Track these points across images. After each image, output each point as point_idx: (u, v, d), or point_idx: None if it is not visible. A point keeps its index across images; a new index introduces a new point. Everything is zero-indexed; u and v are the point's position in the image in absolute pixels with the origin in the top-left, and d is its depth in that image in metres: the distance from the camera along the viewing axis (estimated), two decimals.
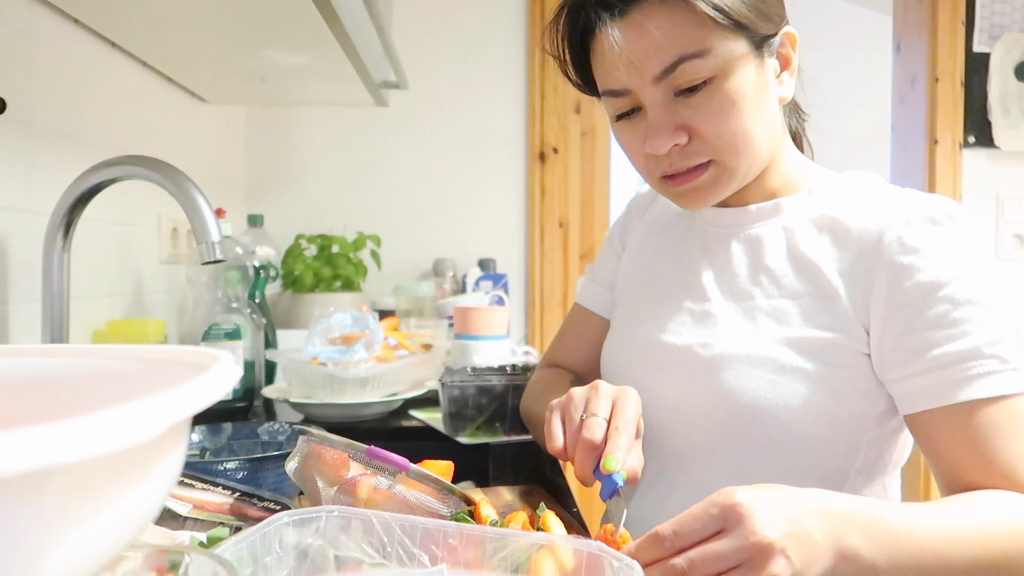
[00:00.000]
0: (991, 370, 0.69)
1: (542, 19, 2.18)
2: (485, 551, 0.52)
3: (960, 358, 0.69)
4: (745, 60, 0.73)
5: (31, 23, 1.08)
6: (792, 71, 0.79)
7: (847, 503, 0.61)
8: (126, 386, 0.41)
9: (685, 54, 0.71)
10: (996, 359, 0.69)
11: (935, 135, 2.21)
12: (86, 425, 0.24)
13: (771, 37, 0.76)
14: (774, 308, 0.78)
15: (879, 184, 0.81)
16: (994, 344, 0.69)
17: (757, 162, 0.77)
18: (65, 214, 0.96)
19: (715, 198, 0.79)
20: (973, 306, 0.70)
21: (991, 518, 0.65)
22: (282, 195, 2.17)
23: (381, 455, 0.69)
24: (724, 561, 0.53)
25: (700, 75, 0.71)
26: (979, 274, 0.72)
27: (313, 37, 1.22)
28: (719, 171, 0.76)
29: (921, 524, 0.62)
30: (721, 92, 0.72)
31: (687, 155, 0.75)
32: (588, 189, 2.23)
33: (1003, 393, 0.68)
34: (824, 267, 0.76)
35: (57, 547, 0.27)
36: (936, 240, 0.72)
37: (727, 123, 0.73)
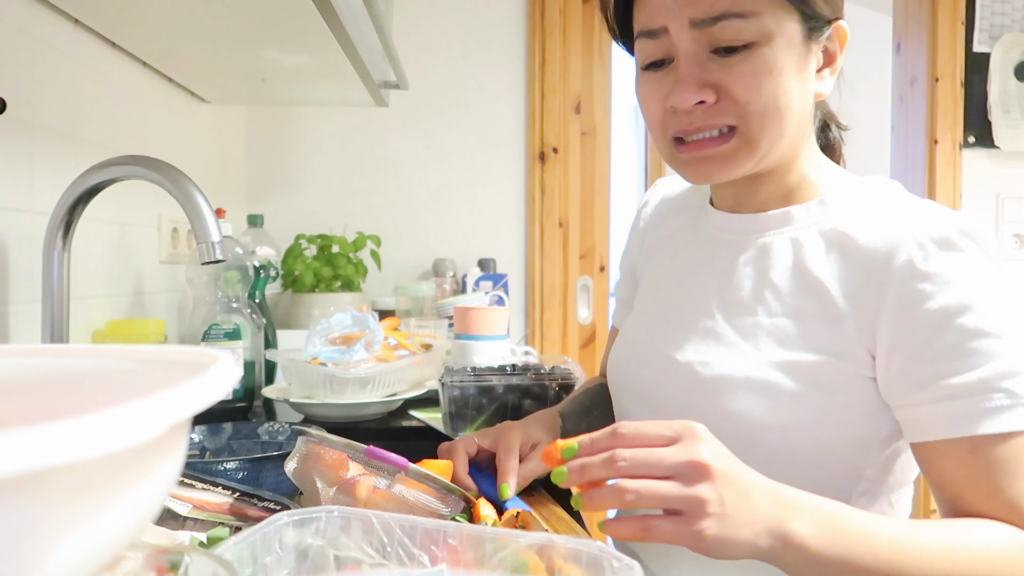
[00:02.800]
0: (1000, 405, 0.66)
1: (542, 19, 2.18)
2: (485, 551, 0.52)
3: (968, 391, 0.67)
4: (792, 37, 0.71)
5: (31, 23, 1.08)
6: (835, 69, 0.76)
7: (804, 495, 0.61)
8: (126, 386, 0.41)
9: (730, 11, 0.69)
10: (1005, 393, 0.66)
11: (935, 135, 2.21)
12: (86, 425, 0.24)
13: (824, 24, 0.73)
14: (776, 327, 0.74)
15: (896, 195, 0.76)
16: (1005, 378, 0.66)
17: (779, 144, 0.74)
18: (65, 214, 0.96)
19: (729, 172, 0.75)
20: (986, 337, 0.67)
21: (970, 542, 0.64)
22: (282, 195, 2.17)
23: (380, 455, 0.69)
24: (661, 468, 0.57)
25: (741, 37, 0.69)
26: (994, 303, 0.68)
27: (313, 37, 1.22)
28: (741, 143, 0.73)
29: (883, 533, 0.61)
30: (760, 58, 0.70)
31: (712, 114, 0.72)
32: (588, 189, 2.23)
33: (1010, 430, 0.66)
34: (830, 287, 0.73)
35: (57, 547, 0.27)
36: (950, 265, 0.69)
37: (761, 89, 0.70)
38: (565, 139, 2.21)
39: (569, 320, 2.23)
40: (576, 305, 2.24)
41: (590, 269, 2.25)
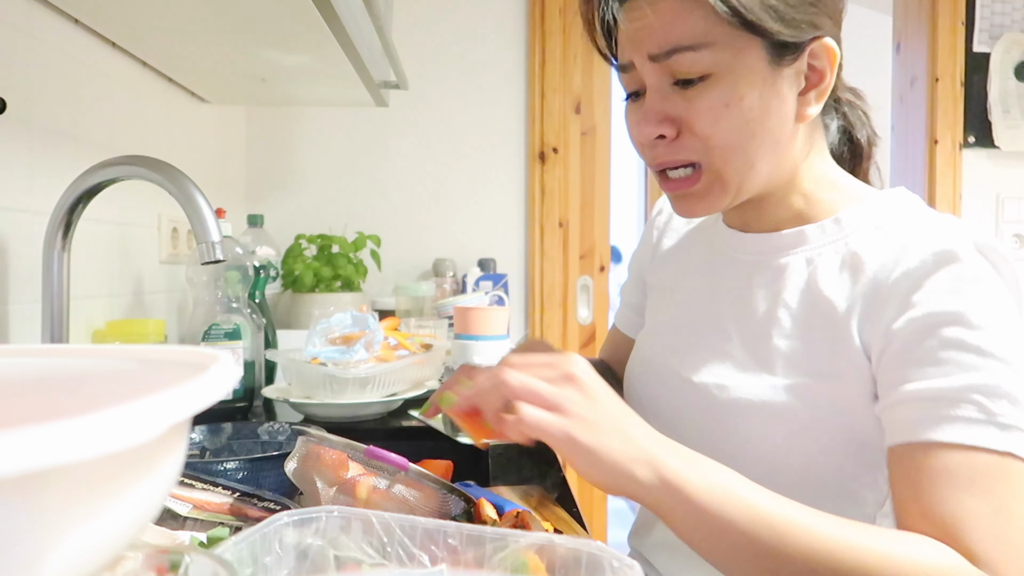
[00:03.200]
0: (968, 416, 0.62)
1: (542, 19, 2.18)
2: (485, 551, 0.52)
3: (935, 396, 0.63)
4: (753, 65, 0.68)
5: (31, 23, 1.08)
6: (823, 90, 0.72)
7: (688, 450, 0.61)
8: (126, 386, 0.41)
9: (680, 45, 0.68)
10: (975, 407, 0.62)
11: (935, 135, 2.21)
12: (86, 425, 0.24)
13: (795, 47, 0.69)
14: (791, 350, 0.73)
15: (912, 211, 0.73)
16: (981, 393, 0.62)
17: (752, 175, 0.72)
18: (65, 214, 0.96)
19: (708, 208, 0.74)
20: (965, 351, 0.63)
21: (874, 540, 0.59)
22: (282, 195, 2.17)
23: (380, 455, 0.69)
24: (540, 378, 0.60)
25: (696, 69, 0.68)
26: (987, 319, 0.64)
27: (313, 37, 1.22)
28: (711, 179, 0.72)
29: (772, 501, 0.59)
30: (716, 90, 0.68)
31: (674, 150, 0.72)
32: (588, 189, 2.23)
33: (972, 444, 0.61)
34: (840, 308, 0.71)
35: (57, 547, 0.27)
36: (946, 277, 0.65)
37: (718, 123, 0.69)
38: (565, 139, 2.21)
39: (569, 320, 2.23)
40: (576, 305, 2.24)
41: (590, 269, 2.25)
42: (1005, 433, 0.62)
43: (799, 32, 0.69)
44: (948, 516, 0.61)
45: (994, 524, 0.60)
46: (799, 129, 0.74)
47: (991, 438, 0.62)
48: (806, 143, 0.76)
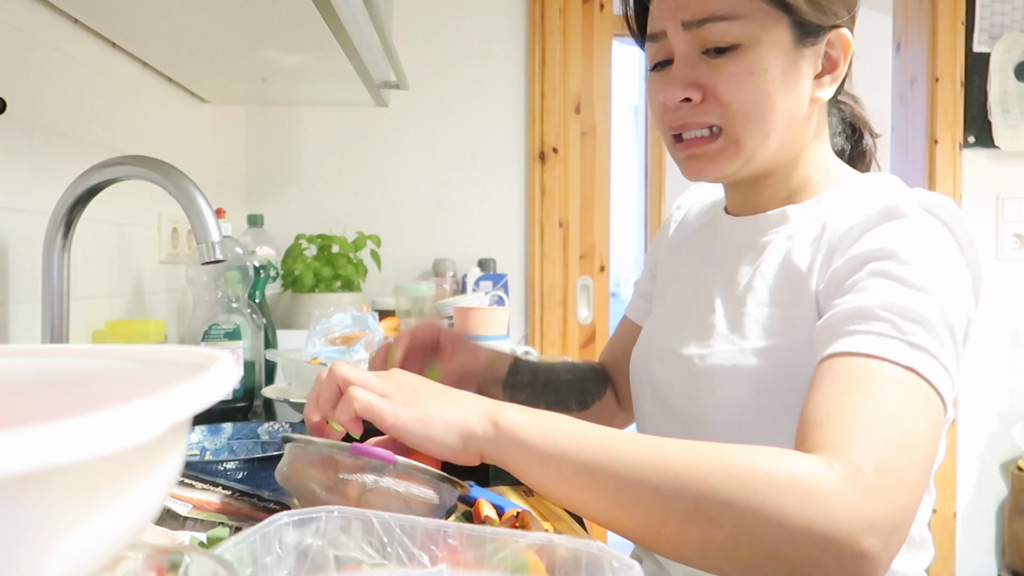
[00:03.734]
0: (876, 331, 0.62)
1: (542, 19, 2.18)
2: (485, 551, 0.52)
3: (848, 315, 0.64)
4: (779, 41, 0.72)
5: (31, 23, 1.08)
6: (837, 76, 0.77)
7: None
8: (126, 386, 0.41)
9: (715, 14, 0.72)
10: (889, 324, 0.62)
11: (935, 135, 2.21)
12: (86, 425, 0.24)
13: (817, 31, 0.74)
14: (762, 315, 0.76)
15: (886, 186, 0.77)
16: (893, 311, 0.62)
17: (764, 145, 0.75)
18: (65, 214, 0.96)
19: (718, 171, 0.77)
20: (888, 279, 0.64)
21: (706, 446, 0.57)
22: (282, 195, 2.17)
23: (365, 451, 0.69)
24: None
25: (726, 38, 0.72)
26: (913, 255, 0.65)
27: (313, 37, 1.22)
28: (727, 142, 0.75)
29: (604, 430, 0.60)
30: (743, 60, 0.72)
31: (697, 112, 0.75)
32: (588, 189, 2.23)
33: (876, 353, 0.60)
34: (808, 273, 0.74)
35: (57, 547, 0.27)
36: (886, 228, 0.68)
37: (742, 90, 0.73)
38: (565, 139, 2.21)
39: (569, 320, 2.23)
40: (576, 305, 2.24)
41: (590, 269, 2.25)
42: (914, 351, 0.61)
43: (823, 16, 0.73)
44: (826, 411, 0.59)
45: (869, 421, 0.58)
46: (812, 112, 0.78)
47: (896, 352, 0.61)
48: (815, 128, 0.80)
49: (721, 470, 0.55)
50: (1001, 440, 2.26)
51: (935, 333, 0.62)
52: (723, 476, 0.55)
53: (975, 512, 2.28)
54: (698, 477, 0.55)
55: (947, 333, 0.63)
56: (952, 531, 2.25)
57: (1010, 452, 2.27)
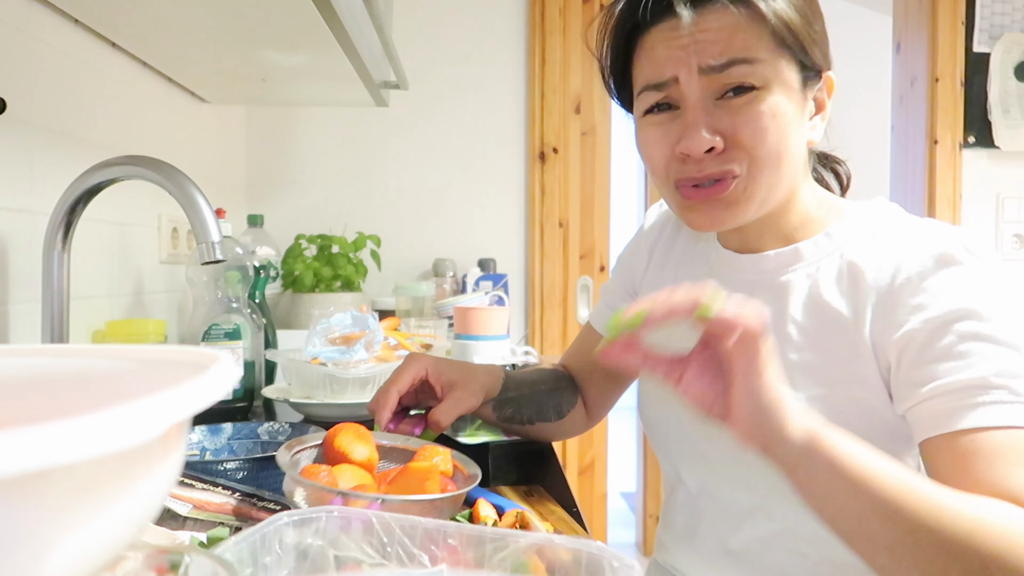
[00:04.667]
0: (999, 400, 0.65)
1: (542, 19, 2.18)
2: (485, 551, 0.52)
3: (965, 386, 0.66)
4: (791, 84, 0.73)
5: (31, 23, 1.08)
6: (824, 116, 0.78)
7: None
8: (126, 386, 0.41)
9: (737, 57, 0.71)
10: (1006, 391, 0.65)
11: (935, 135, 2.21)
12: (86, 425, 0.24)
13: (817, 74, 0.76)
14: (805, 362, 0.74)
15: (896, 218, 0.77)
16: (1004, 376, 0.65)
17: (776, 189, 0.75)
18: (65, 214, 0.96)
19: (734, 218, 0.75)
20: (982, 341, 0.66)
21: (973, 502, 0.60)
22: (282, 195, 2.17)
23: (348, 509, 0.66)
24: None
25: (749, 81, 0.71)
26: (993, 311, 0.67)
27: (313, 37, 1.22)
28: (740, 187, 0.74)
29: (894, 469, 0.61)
30: (765, 102, 0.72)
31: (722, 161, 0.73)
32: (588, 189, 2.23)
33: (1010, 424, 0.64)
34: (847, 315, 0.73)
35: (57, 547, 0.27)
36: (948, 278, 0.69)
37: (766, 133, 0.72)
38: (565, 139, 2.21)
39: (569, 320, 2.23)
40: (576, 305, 2.24)
41: (590, 269, 2.25)
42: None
43: (824, 61, 0.76)
44: (1014, 488, 0.62)
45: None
46: (804, 151, 0.78)
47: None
48: (805, 167, 0.80)
49: (1005, 533, 0.58)
50: None
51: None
52: (1007, 539, 0.57)
53: None
54: (986, 537, 0.58)
55: None
56: None
57: None
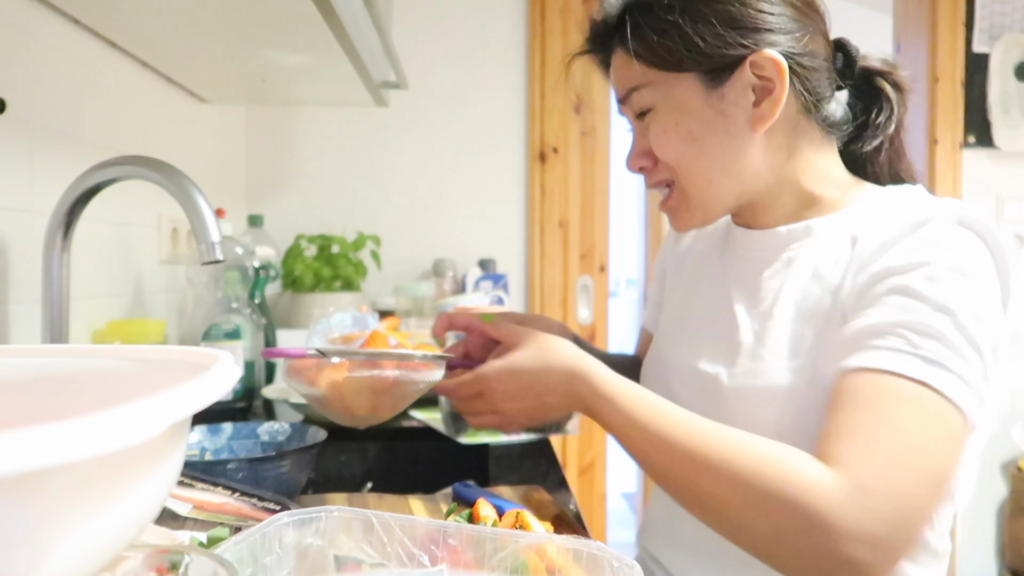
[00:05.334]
0: (890, 346, 0.64)
1: (542, 19, 2.18)
2: (485, 551, 0.52)
3: (867, 330, 0.66)
4: (686, 93, 0.76)
5: (31, 23, 1.08)
6: (776, 98, 0.74)
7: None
8: (126, 386, 0.41)
9: (629, 86, 0.79)
10: (903, 340, 0.64)
11: (935, 135, 2.21)
12: (86, 425, 0.24)
13: (721, 68, 0.74)
14: (795, 333, 0.75)
15: (915, 197, 0.76)
16: (908, 328, 0.64)
17: (712, 190, 0.78)
18: (65, 214, 0.96)
19: (687, 221, 0.82)
20: (906, 296, 0.65)
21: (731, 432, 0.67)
22: (282, 195, 2.17)
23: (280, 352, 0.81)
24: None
25: (644, 103, 0.79)
26: (937, 271, 0.66)
27: (313, 37, 1.22)
28: (679, 196, 0.80)
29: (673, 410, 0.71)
30: (662, 118, 0.78)
31: (653, 174, 0.82)
32: (588, 189, 2.23)
33: (885, 369, 0.63)
34: (837, 288, 0.74)
35: (57, 547, 0.27)
36: (914, 241, 0.68)
37: (665, 147, 0.78)
38: (565, 139, 2.21)
39: (569, 320, 2.23)
40: (576, 305, 2.24)
41: (590, 269, 2.25)
42: (928, 366, 0.63)
43: (723, 58, 0.74)
44: (831, 430, 0.64)
45: (874, 437, 0.62)
46: (765, 137, 0.77)
47: (910, 366, 0.63)
48: (790, 149, 0.78)
49: (760, 462, 0.64)
50: (1001, 440, 2.26)
51: (953, 348, 0.63)
52: (757, 465, 0.64)
53: (975, 512, 2.28)
54: (743, 461, 0.65)
55: (968, 347, 0.64)
56: (952, 531, 2.25)
57: (1010, 452, 2.26)
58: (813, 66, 0.76)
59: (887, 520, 0.59)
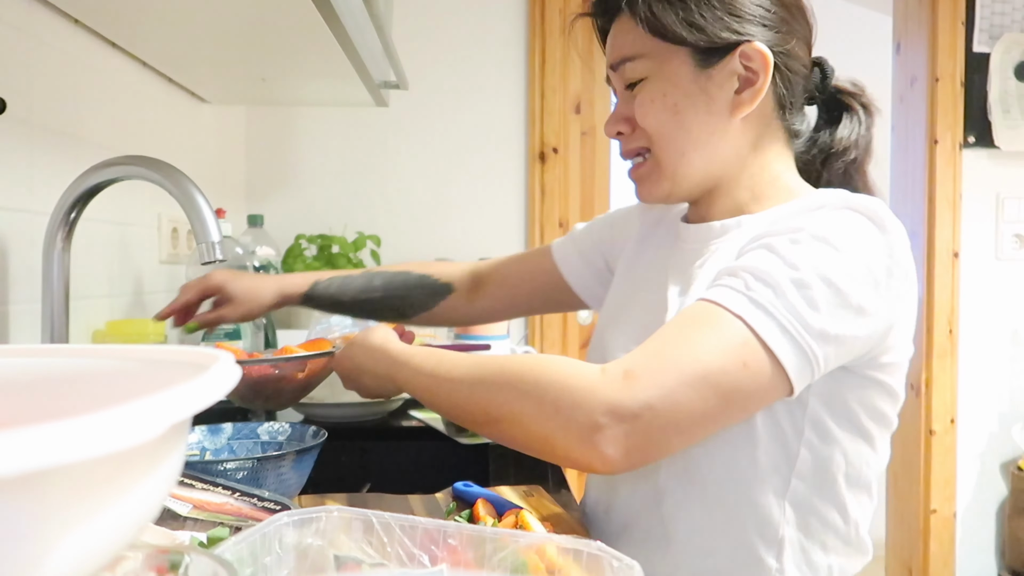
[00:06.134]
0: (730, 285, 0.68)
1: (542, 19, 2.18)
2: (485, 551, 0.52)
3: (721, 273, 0.71)
4: (679, 69, 0.79)
5: (31, 23, 1.08)
6: (757, 90, 0.78)
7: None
8: (126, 386, 0.41)
9: (625, 56, 0.82)
10: (742, 281, 0.68)
11: (935, 135, 2.21)
12: (86, 425, 0.24)
13: (719, 52, 0.78)
14: None
15: (832, 193, 0.79)
16: (751, 272, 0.68)
17: (684, 164, 0.81)
18: (65, 214, 0.96)
19: (653, 189, 0.84)
20: (766, 250, 0.69)
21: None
22: (282, 195, 2.17)
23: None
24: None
25: (636, 74, 0.82)
26: (803, 236, 0.69)
27: (313, 37, 1.22)
28: (652, 164, 0.83)
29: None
30: (651, 88, 0.81)
31: (629, 141, 0.85)
32: (588, 189, 2.23)
33: (717, 301, 0.67)
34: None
35: (57, 547, 0.27)
36: (795, 215, 0.73)
37: (649, 116, 0.81)
38: (565, 139, 2.21)
39: (569, 320, 2.23)
40: None
41: None
42: (752, 306, 0.66)
43: (717, 39, 0.78)
44: (645, 343, 0.69)
45: (660, 341, 0.68)
46: (739, 125, 0.81)
47: (734, 301, 0.67)
48: (755, 142, 0.82)
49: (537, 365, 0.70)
50: (1001, 440, 2.26)
51: (785, 299, 0.66)
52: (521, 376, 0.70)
53: (975, 512, 2.28)
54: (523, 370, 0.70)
55: (805, 305, 0.66)
56: (952, 531, 2.25)
57: (1010, 452, 2.26)
58: (794, 70, 0.81)
59: (639, 400, 0.64)
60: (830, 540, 0.78)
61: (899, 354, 0.76)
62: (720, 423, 0.69)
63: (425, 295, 1.14)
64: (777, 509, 0.75)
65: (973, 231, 2.25)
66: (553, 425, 0.67)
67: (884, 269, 0.70)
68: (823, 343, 0.67)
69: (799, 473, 0.75)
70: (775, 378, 0.67)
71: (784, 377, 0.67)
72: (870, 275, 0.69)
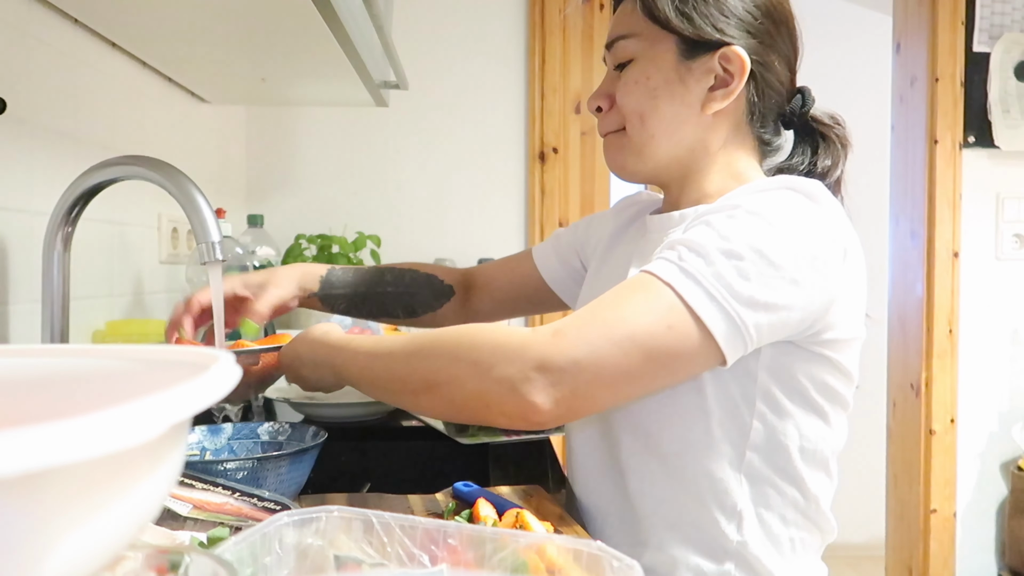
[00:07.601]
0: (666, 257, 0.71)
1: (542, 19, 2.18)
2: (485, 551, 0.52)
3: (661, 248, 0.73)
4: (663, 55, 0.83)
5: (31, 23, 1.08)
6: (729, 92, 0.82)
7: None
8: (126, 386, 0.41)
9: (620, 33, 0.86)
10: (677, 253, 0.70)
11: (935, 135, 2.21)
12: (86, 425, 0.24)
13: (702, 48, 0.82)
14: None
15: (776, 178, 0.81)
16: (686, 245, 0.70)
17: (651, 145, 0.84)
18: (65, 214, 0.96)
19: (621, 160, 0.88)
20: (704, 225, 0.72)
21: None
22: (282, 195, 2.17)
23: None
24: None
25: (626, 54, 0.85)
26: (741, 215, 0.71)
27: (313, 37, 1.21)
28: (624, 138, 0.86)
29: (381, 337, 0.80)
30: (636, 70, 0.84)
31: (605, 118, 0.89)
32: (588, 189, 2.23)
33: (652, 271, 0.70)
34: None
35: (57, 547, 0.27)
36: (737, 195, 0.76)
37: (628, 96, 0.84)
38: (565, 139, 2.21)
39: None
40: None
41: None
42: (680, 274, 0.69)
43: (702, 32, 0.81)
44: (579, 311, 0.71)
45: (593, 306, 0.71)
46: (710, 121, 0.84)
47: (667, 271, 0.70)
48: (726, 139, 0.85)
49: (459, 339, 0.73)
50: (1001, 440, 2.26)
51: (714, 268, 0.69)
52: (457, 342, 0.73)
53: (975, 512, 2.28)
54: (442, 348, 0.73)
55: (737, 276, 0.68)
56: (952, 531, 2.25)
57: (1010, 452, 2.26)
58: (769, 83, 0.85)
59: (566, 355, 0.67)
60: (789, 513, 0.80)
61: (845, 331, 0.77)
62: (648, 383, 0.71)
63: (433, 295, 1.15)
64: (735, 482, 0.77)
65: (973, 231, 2.25)
66: (488, 381, 0.69)
67: (820, 244, 0.72)
68: (752, 310, 0.68)
69: (753, 445, 0.77)
70: (704, 344, 0.69)
71: (713, 344, 0.69)
72: (805, 249, 0.71)
